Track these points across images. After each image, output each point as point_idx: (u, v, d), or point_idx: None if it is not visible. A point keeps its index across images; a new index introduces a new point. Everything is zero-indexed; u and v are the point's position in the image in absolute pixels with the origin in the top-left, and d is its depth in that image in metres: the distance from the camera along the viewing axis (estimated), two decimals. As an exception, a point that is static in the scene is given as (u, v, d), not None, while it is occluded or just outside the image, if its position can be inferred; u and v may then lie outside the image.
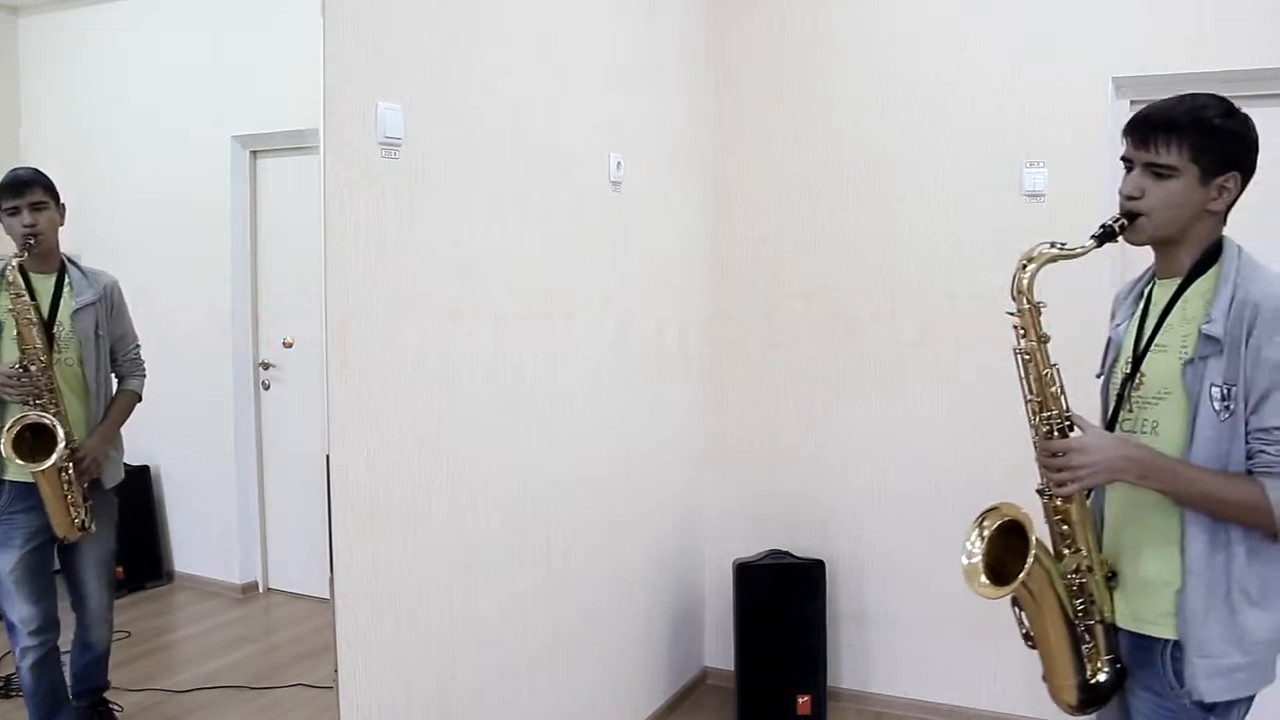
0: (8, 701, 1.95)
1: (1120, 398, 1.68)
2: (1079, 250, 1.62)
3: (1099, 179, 3.04)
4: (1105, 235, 1.62)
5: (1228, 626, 1.55)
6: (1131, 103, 3.05)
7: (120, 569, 2.18)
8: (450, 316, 2.25)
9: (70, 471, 1.95)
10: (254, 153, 2.27)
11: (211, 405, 2.33)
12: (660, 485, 3.34)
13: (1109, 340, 1.80)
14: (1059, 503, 1.64)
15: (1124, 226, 1.62)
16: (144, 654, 2.22)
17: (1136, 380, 1.65)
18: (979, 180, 3.17)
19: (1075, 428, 1.61)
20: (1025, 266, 1.64)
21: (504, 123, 2.41)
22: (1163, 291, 1.68)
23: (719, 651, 3.66)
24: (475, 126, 2.31)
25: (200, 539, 2.33)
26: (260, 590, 2.40)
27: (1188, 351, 1.57)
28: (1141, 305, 1.73)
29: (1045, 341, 1.64)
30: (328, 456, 1.92)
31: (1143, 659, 1.63)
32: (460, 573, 2.31)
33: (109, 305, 2.07)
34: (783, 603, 3.24)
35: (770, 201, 3.49)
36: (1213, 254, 1.65)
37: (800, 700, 3.21)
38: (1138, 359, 1.66)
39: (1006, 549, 1.62)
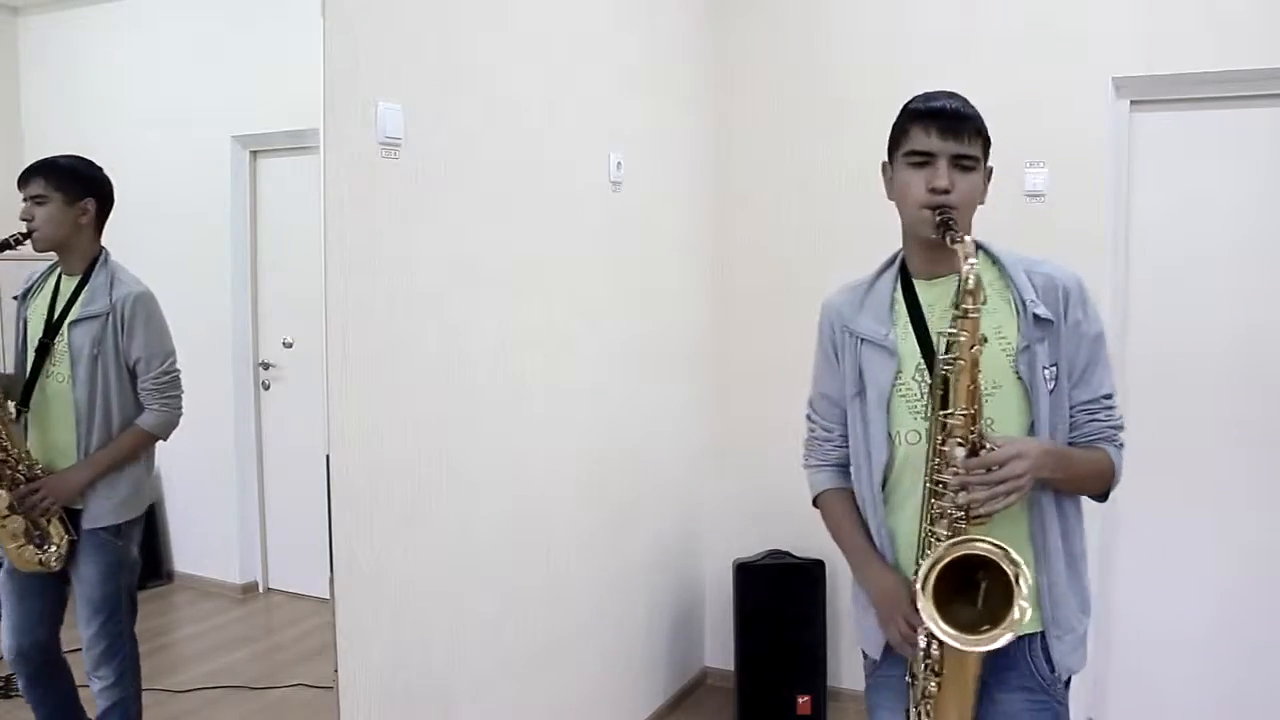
0: (7, 701, 1.95)
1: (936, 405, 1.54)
2: None
3: (1099, 179, 3.04)
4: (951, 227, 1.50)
5: (1078, 595, 1.62)
6: (1132, 103, 3.05)
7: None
8: (450, 316, 2.25)
9: (25, 499, 1.76)
10: (254, 153, 2.27)
11: (211, 405, 2.33)
12: (660, 485, 3.34)
13: (849, 357, 1.67)
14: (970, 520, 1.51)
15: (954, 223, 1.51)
16: (144, 654, 2.21)
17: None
18: (979, 180, 3.17)
19: (986, 441, 1.49)
20: (971, 261, 1.47)
21: (504, 123, 2.41)
22: (935, 291, 1.61)
23: (719, 651, 3.66)
24: (475, 126, 2.31)
25: (200, 539, 2.32)
26: (260, 590, 2.39)
27: (1010, 341, 1.56)
28: (905, 309, 1.63)
29: (984, 344, 1.48)
30: (328, 456, 1.93)
31: (1006, 663, 1.58)
32: (460, 573, 2.31)
33: (119, 321, 1.86)
34: (783, 603, 3.24)
35: (770, 202, 3.49)
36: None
37: (800, 700, 3.21)
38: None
39: (950, 587, 1.48)
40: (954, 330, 1.48)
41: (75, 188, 1.80)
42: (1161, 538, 3.10)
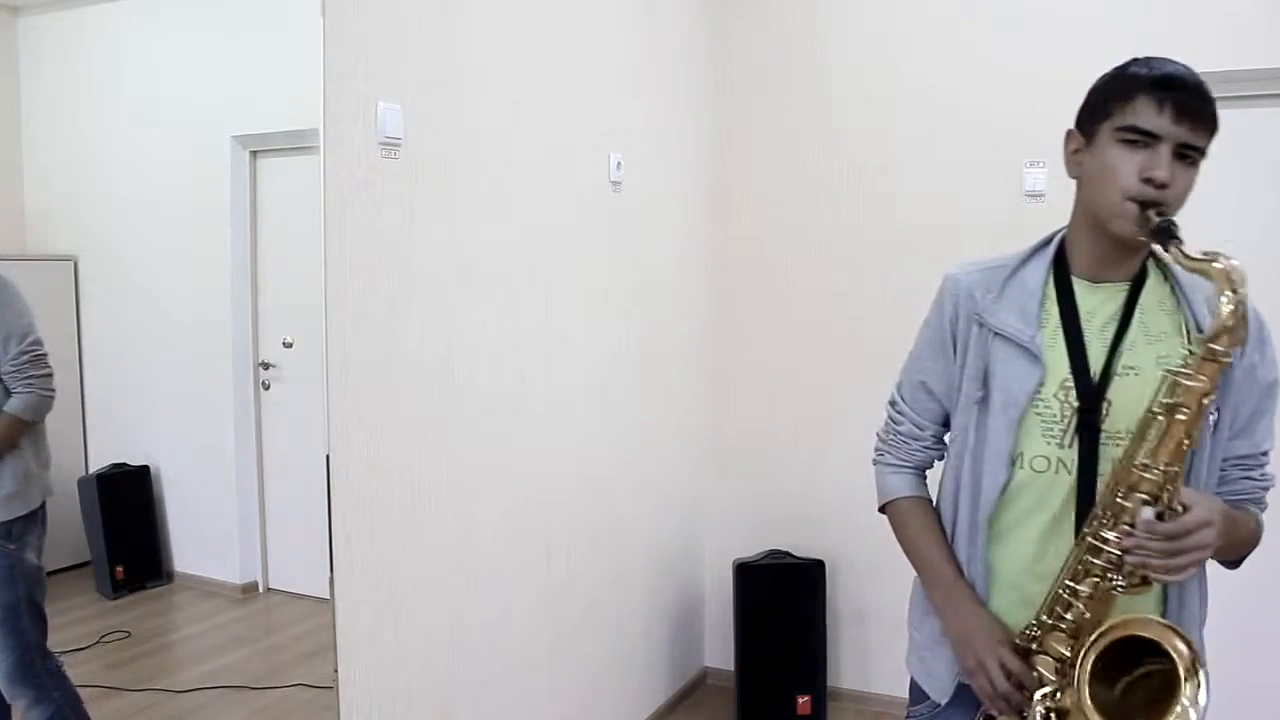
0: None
1: (1078, 433, 1.34)
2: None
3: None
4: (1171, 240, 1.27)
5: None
6: (1131, 103, 3.05)
7: (120, 569, 2.18)
8: (450, 316, 2.25)
9: None
10: (254, 153, 2.27)
11: (211, 405, 2.33)
12: (660, 485, 3.34)
13: (974, 350, 1.42)
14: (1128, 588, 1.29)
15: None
16: (144, 654, 2.22)
17: (1103, 411, 1.33)
18: (979, 180, 3.17)
19: (1176, 498, 1.25)
20: (1243, 292, 1.23)
21: (504, 122, 2.41)
22: (1097, 298, 1.38)
23: (719, 651, 3.66)
24: (475, 126, 2.31)
25: (200, 539, 2.32)
26: (260, 590, 2.40)
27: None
28: (1059, 312, 1.39)
29: (1214, 398, 1.25)
30: (328, 456, 1.92)
31: None
32: (460, 573, 2.30)
33: None
34: (783, 603, 3.24)
35: (770, 201, 3.49)
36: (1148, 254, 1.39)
37: (800, 700, 3.21)
38: (1099, 385, 1.34)
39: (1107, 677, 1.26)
40: (1189, 371, 1.23)
41: None
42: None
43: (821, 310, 3.42)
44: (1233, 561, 1.41)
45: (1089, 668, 1.23)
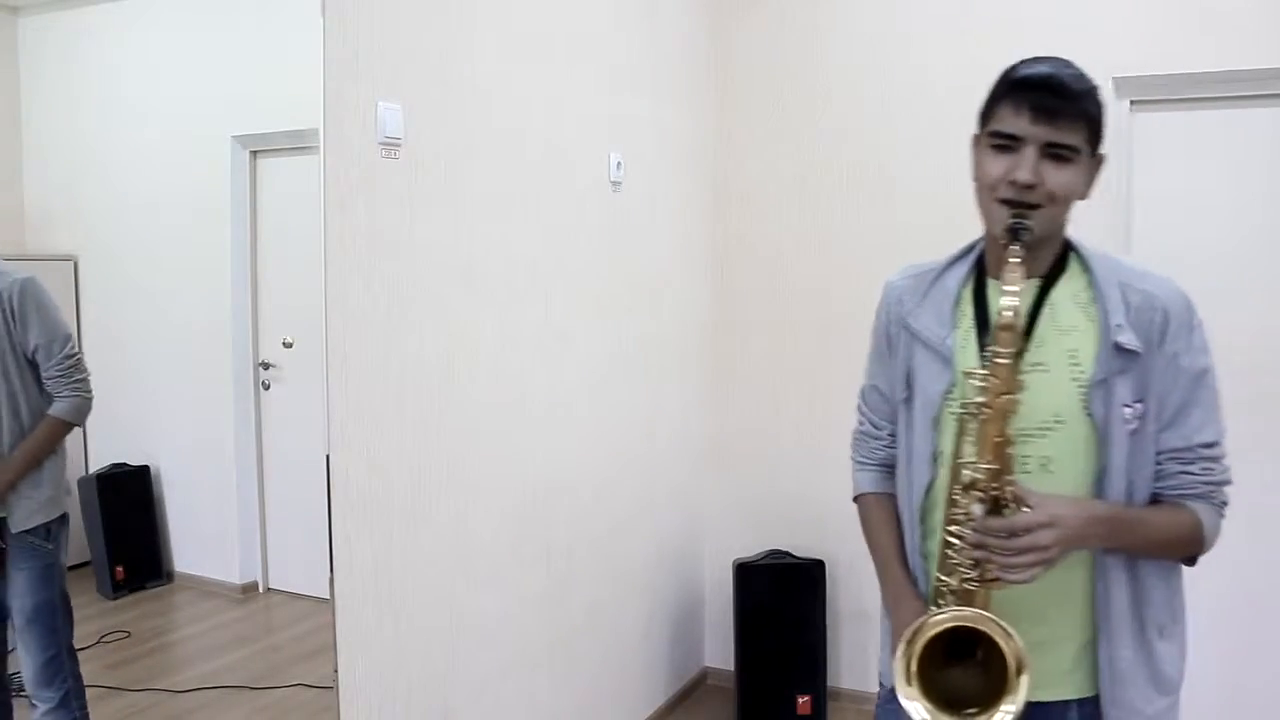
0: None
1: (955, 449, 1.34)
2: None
3: (1099, 179, 3.03)
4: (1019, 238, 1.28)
5: (1149, 670, 1.38)
6: (1132, 103, 3.05)
7: (120, 569, 2.18)
8: (450, 316, 2.25)
9: None
10: (254, 153, 2.27)
11: (211, 405, 2.33)
12: (660, 485, 3.34)
13: (901, 353, 1.46)
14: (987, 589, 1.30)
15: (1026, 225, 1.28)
16: (144, 654, 2.22)
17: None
18: (979, 180, 3.17)
19: (1017, 497, 1.26)
20: (1013, 291, 1.25)
21: (504, 122, 2.41)
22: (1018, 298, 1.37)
23: (719, 651, 3.66)
24: (475, 126, 2.31)
25: (200, 539, 2.32)
26: (260, 590, 2.40)
27: (1085, 370, 1.31)
28: (973, 311, 1.40)
29: (1021, 390, 1.26)
30: (328, 456, 1.92)
31: None
32: (460, 573, 2.30)
33: (9, 311, 1.74)
34: (783, 603, 3.24)
35: (770, 201, 3.49)
36: (1065, 249, 1.40)
37: (800, 700, 3.21)
38: None
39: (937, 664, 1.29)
40: (984, 372, 1.25)
41: None
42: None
43: (821, 310, 3.42)
44: (1183, 561, 1.42)
45: (915, 666, 1.26)
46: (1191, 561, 1.42)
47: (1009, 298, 1.24)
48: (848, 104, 3.33)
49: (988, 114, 1.35)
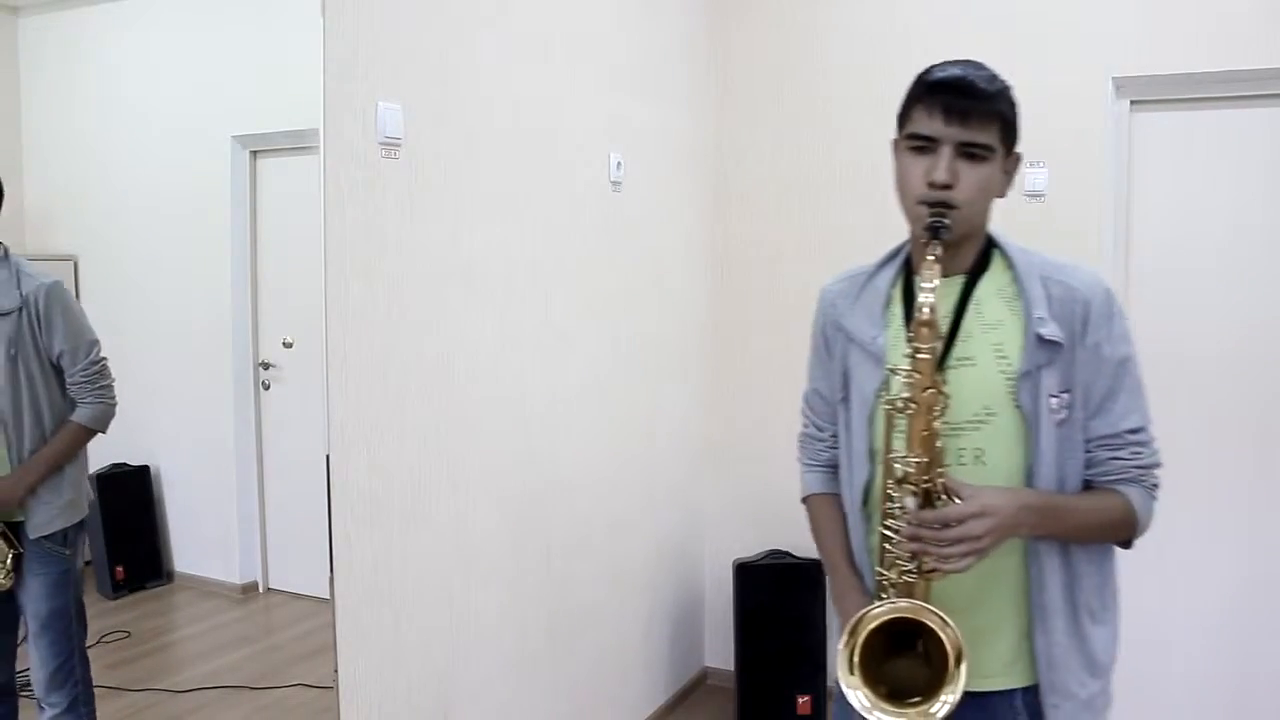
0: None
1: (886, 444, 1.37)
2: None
3: (1099, 179, 3.04)
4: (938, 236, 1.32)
5: (1085, 655, 1.42)
6: (1132, 103, 3.05)
7: (120, 569, 2.18)
8: (450, 316, 2.25)
9: None
10: (254, 153, 2.27)
11: (211, 405, 2.33)
12: (660, 485, 3.34)
13: (838, 354, 1.50)
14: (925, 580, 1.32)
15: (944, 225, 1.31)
16: (144, 654, 2.22)
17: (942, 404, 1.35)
18: (979, 180, 3.17)
19: (948, 489, 1.29)
20: (929, 288, 1.28)
21: (504, 123, 2.41)
22: (939, 294, 1.38)
23: (719, 651, 3.66)
24: (475, 126, 2.31)
25: (200, 539, 2.33)
26: (260, 590, 2.40)
27: (1011, 363, 1.34)
28: (902, 311, 1.44)
29: (944, 385, 1.30)
30: (328, 456, 1.92)
31: (983, 718, 1.39)
32: (460, 572, 2.30)
33: (34, 315, 1.73)
34: (783, 603, 3.24)
35: (770, 202, 3.49)
36: (988, 245, 1.43)
37: (800, 700, 3.21)
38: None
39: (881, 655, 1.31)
40: (906, 369, 1.29)
41: None
42: (1161, 537, 3.08)
43: (821, 310, 3.42)
44: (1118, 544, 1.45)
45: (858, 658, 1.28)
46: (1127, 545, 1.46)
47: (925, 294, 1.28)
48: (848, 104, 3.33)
49: (904, 118, 1.40)
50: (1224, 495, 3.02)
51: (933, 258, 1.29)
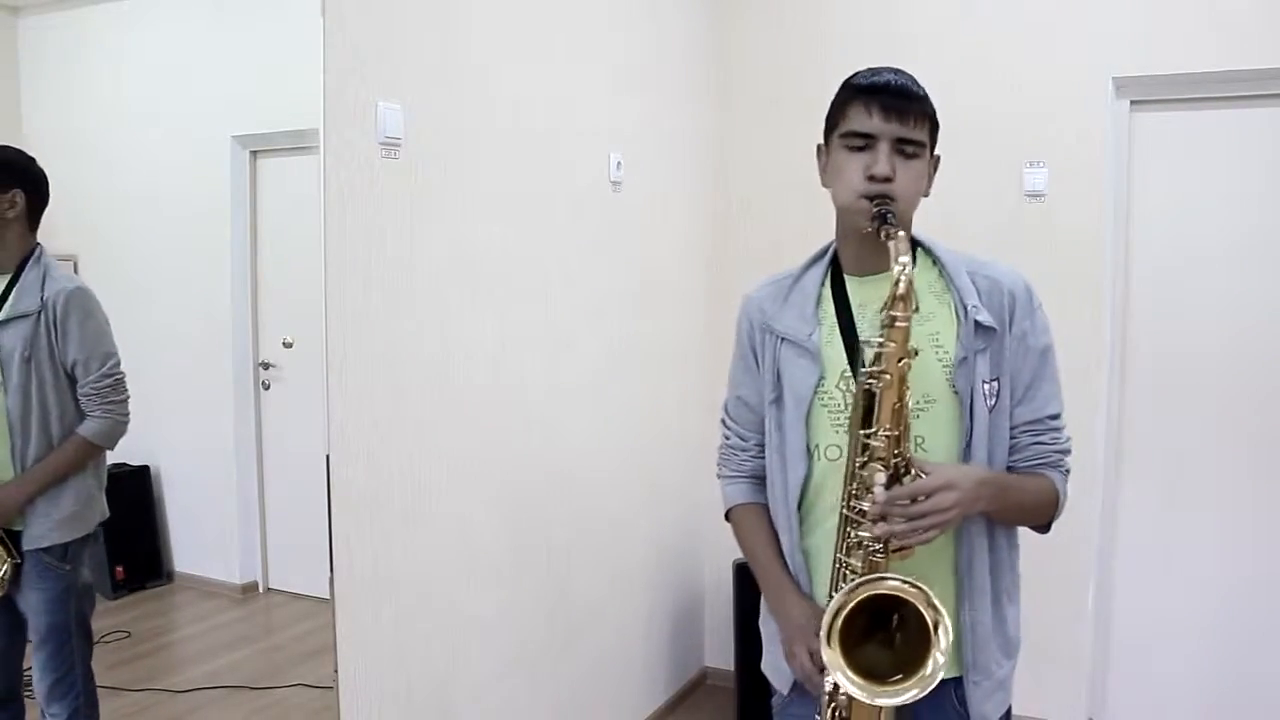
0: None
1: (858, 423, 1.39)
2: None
3: (1099, 179, 3.04)
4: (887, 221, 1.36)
5: (1002, 636, 1.47)
6: (1132, 103, 3.05)
7: (120, 569, 2.18)
8: (450, 316, 2.25)
9: None
10: (254, 153, 2.27)
11: (211, 405, 2.33)
12: (660, 485, 3.34)
13: (767, 357, 1.52)
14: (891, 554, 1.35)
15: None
16: (144, 654, 2.22)
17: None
18: (979, 180, 3.17)
19: (911, 465, 1.34)
20: (903, 260, 1.32)
21: (504, 123, 2.41)
22: (868, 290, 1.46)
23: (719, 651, 3.66)
24: (475, 126, 2.31)
25: (200, 539, 2.32)
26: (260, 590, 2.40)
27: (948, 351, 1.40)
28: (834, 309, 1.48)
29: (914, 357, 1.33)
30: (328, 456, 1.92)
31: (926, 705, 1.37)
32: (460, 572, 2.31)
33: (52, 320, 1.69)
34: (783, 603, 3.23)
35: (770, 202, 3.49)
36: (913, 244, 1.47)
37: (800, 700, 3.21)
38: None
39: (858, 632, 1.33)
40: (880, 340, 1.32)
41: (2, 177, 1.64)
42: (1160, 536, 3.10)
43: (821, 310, 3.42)
44: (1039, 527, 1.50)
45: (838, 634, 1.30)
46: (1046, 528, 1.51)
47: (898, 267, 1.31)
48: (848, 104, 3.33)
49: (836, 119, 1.48)
50: (1224, 495, 3.02)
51: (900, 235, 1.33)
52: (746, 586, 3.25)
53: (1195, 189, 3.03)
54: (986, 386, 1.40)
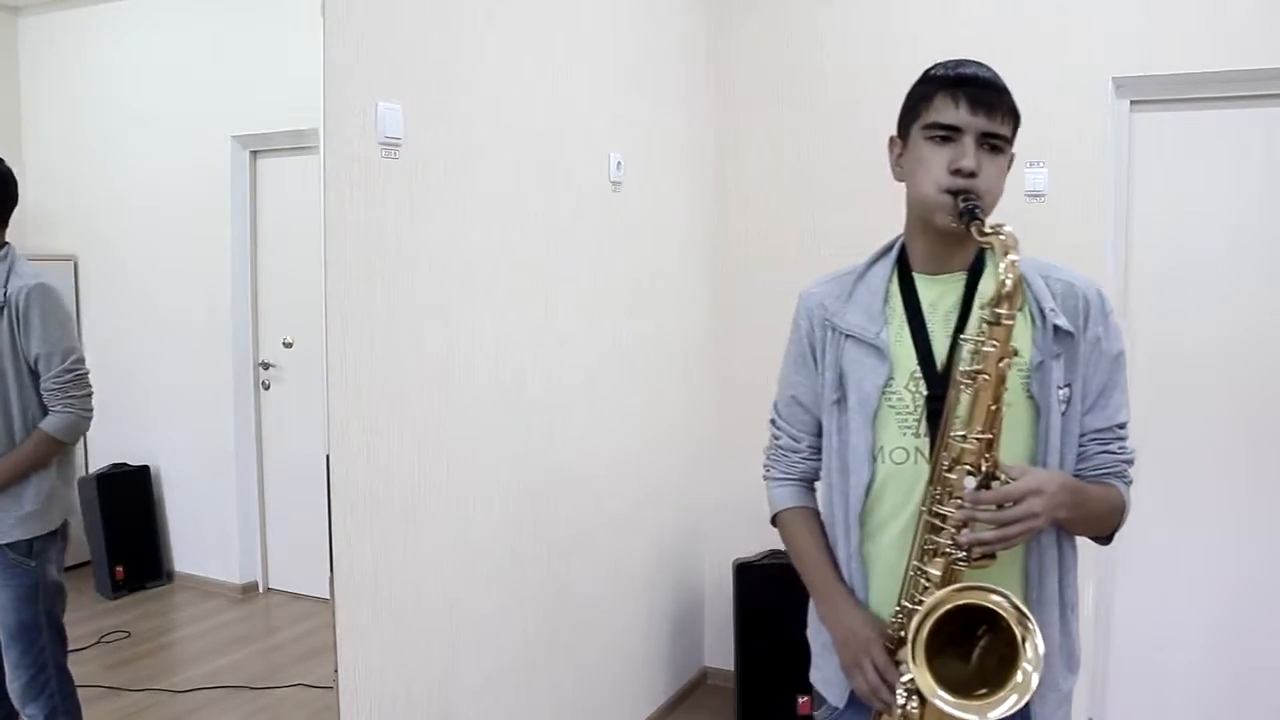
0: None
1: (930, 421, 1.37)
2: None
3: (1099, 179, 3.04)
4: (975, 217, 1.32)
5: (1067, 650, 1.43)
6: (1132, 103, 3.05)
7: (120, 569, 2.18)
8: (450, 316, 2.25)
9: None
10: (254, 153, 2.27)
11: (211, 405, 2.33)
12: (660, 484, 3.34)
13: (829, 356, 1.47)
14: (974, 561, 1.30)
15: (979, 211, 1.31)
16: (144, 654, 2.22)
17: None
18: (979, 180, 3.17)
19: (1000, 469, 1.30)
20: (1011, 258, 1.27)
21: (504, 123, 2.41)
22: (938, 289, 1.42)
23: (719, 651, 3.66)
24: (475, 126, 2.31)
25: (200, 539, 2.32)
26: (260, 590, 2.40)
27: (1022, 355, 1.35)
28: (902, 306, 1.43)
29: (1014, 356, 1.29)
30: (328, 456, 1.92)
31: None
32: (460, 572, 2.31)
33: (15, 315, 1.69)
34: (783, 603, 3.22)
35: (770, 201, 3.49)
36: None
37: (800, 700, 3.21)
38: (945, 373, 1.36)
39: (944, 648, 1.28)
40: (982, 339, 1.27)
41: None
42: (1161, 538, 3.10)
43: (821, 310, 3.42)
44: (1102, 537, 1.46)
45: (923, 644, 1.25)
46: (1109, 539, 1.47)
47: (1005, 263, 1.26)
48: (847, 104, 3.33)
49: (917, 110, 1.40)
50: (1224, 495, 3.02)
51: (1005, 232, 1.28)
52: (746, 586, 3.25)
53: (1195, 189, 3.03)
54: (1061, 392, 1.36)
